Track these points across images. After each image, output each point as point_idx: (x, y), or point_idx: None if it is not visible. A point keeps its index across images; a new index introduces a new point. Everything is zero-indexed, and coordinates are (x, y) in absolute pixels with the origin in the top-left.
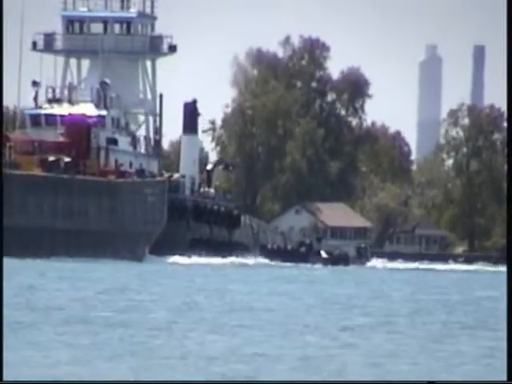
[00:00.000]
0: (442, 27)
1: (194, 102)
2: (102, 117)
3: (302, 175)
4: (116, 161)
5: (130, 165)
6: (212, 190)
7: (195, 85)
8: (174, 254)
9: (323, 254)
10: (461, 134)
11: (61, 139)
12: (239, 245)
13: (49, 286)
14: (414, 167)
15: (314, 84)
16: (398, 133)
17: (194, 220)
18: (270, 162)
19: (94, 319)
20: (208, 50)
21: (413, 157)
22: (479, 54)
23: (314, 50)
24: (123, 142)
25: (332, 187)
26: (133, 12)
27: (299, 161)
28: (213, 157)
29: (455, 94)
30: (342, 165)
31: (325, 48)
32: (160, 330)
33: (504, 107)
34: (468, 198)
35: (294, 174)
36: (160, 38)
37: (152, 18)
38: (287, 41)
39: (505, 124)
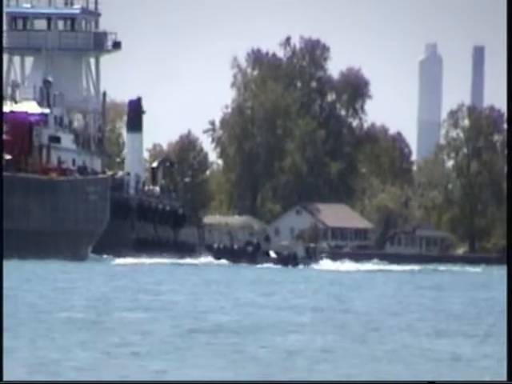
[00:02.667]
0: (441, 26)
1: (139, 99)
2: (45, 115)
3: (302, 176)
4: (59, 159)
5: (73, 162)
6: (157, 189)
7: (140, 82)
8: (117, 254)
9: (272, 254)
10: (461, 135)
11: (3, 137)
12: (185, 244)
13: None
14: (415, 168)
15: (313, 84)
16: (399, 134)
17: (138, 219)
18: (269, 163)
19: None
20: (154, 46)
21: (413, 157)
22: (479, 54)
23: (315, 51)
24: (66, 139)
25: (332, 188)
26: (76, 8)
27: (299, 161)
28: (212, 157)
29: (455, 93)
30: (342, 166)
31: (325, 49)
32: None
33: (504, 108)
34: (468, 198)
35: (294, 175)
36: (104, 34)
37: (96, 14)
38: (288, 42)
39: (505, 125)
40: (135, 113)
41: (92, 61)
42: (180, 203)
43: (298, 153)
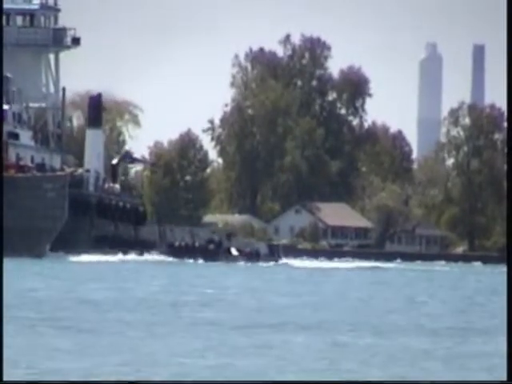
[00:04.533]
0: (441, 25)
1: (99, 95)
2: (3, 111)
3: (302, 175)
4: (17, 155)
5: (32, 159)
6: (117, 186)
7: (100, 78)
8: (76, 252)
9: (234, 252)
10: (461, 133)
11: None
12: (145, 242)
13: None
14: (415, 166)
15: (314, 83)
16: (400, 132)
17: (98, 216)
18: (269, 161)
19: None
20: (114, 42)
21: (413, 156)
22: (479, 53)
23: (315, 49)
24: (25, 136)
25: (332, 187)
26: (35, 4)
27: (299, 160)
28: (212, 155)
29: (455, 92)
30: (342, 164)
31: (325, 47)
32: None
33: (504, 107)
34: (468, 197)
35: (294, 174)
36: (63, 30)
37: (55, 9)
38: (287, 39)
39: (505, 123)
40: (95, 109)
41: (51, 57)
42: (140, 201)
43: (298, 151)
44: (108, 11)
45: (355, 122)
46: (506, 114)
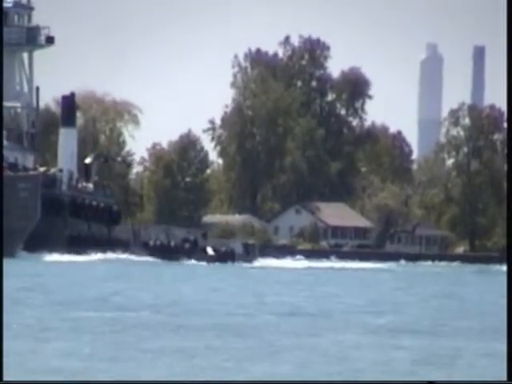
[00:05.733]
0: (442, 26)
1: (72, 95)
2: None
3: (302, 175)
4: None
5: (5, 159)
6: (90, 185)
7: (73, 77)
8: (49, 251)
9: (209, 251)
10: (461, 133)
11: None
12: (119, 242)
13: None
14: (415, 166)
15: (313, 83)
16: (399, 132)
17: (71, 216)
18: (270, 162)
19: None
20: (88, 43)
21: (414, 156)
22: (479, 54)
23: (314, 50)
24: None
25: (332, 187)
26: (9, 2)
27: (299, 160)
28: (213, 156)
29: (456, 92)
30: (342, 165)
31: (325, 47)
32: None
33: (504, 107)
34: (468, 197)
35: (294, 174)
36: (37, 29)
37: (29, 8)
38: (287, 41)
39: (505, 124)
40: (68, 108)
41: (25, 56)
42: (114, 200)
43: (298, 152)
44: (106, 11)
45: (355, 122)
46: (505, 114)
